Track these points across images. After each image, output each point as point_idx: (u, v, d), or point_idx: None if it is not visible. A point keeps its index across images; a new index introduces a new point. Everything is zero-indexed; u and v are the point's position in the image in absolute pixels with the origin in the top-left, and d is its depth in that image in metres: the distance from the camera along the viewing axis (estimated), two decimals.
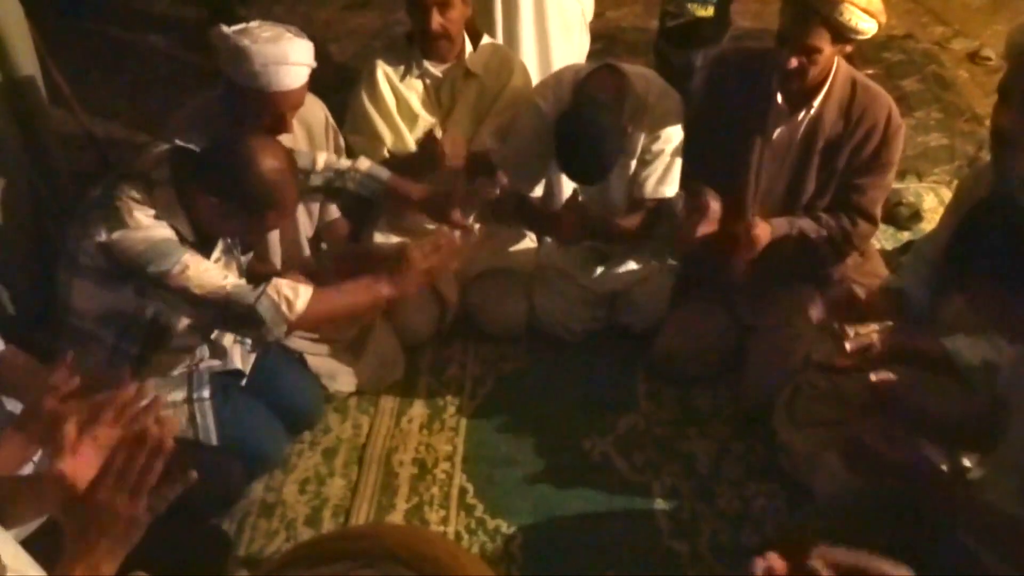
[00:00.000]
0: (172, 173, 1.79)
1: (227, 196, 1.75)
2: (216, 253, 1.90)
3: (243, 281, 1.82)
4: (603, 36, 3.46)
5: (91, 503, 1.04)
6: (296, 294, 1.77)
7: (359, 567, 0.74)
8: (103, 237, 1.70)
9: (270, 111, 2.02)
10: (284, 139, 2.19)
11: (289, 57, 1.97)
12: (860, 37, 1.96)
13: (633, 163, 2.33)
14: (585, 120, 2.13)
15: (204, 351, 2.02)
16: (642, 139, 2.29)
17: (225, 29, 1.99)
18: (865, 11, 1.91)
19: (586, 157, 2.13)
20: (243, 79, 1.97)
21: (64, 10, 4.00)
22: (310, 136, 2.33)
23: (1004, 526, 1.36)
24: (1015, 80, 1.66)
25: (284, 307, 1.74)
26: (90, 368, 1.61)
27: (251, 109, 2.02)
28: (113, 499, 1.03)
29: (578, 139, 2.12)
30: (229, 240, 1.95)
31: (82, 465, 1.11)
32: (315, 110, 2.30)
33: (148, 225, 1.72)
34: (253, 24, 2.03)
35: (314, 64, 2.06)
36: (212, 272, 1.76)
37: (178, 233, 1.77)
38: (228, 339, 2.06)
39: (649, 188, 2.31)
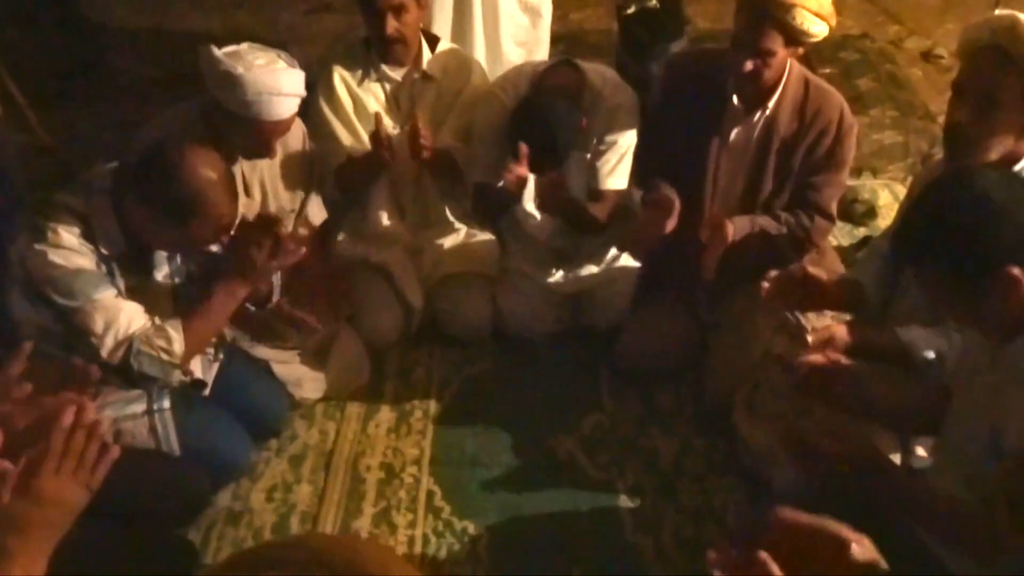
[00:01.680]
0: (112, 182, 1.75)
1: (154, 202, 1.69)
2: (158, 276, 1.87)
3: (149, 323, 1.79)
4: (566, 37, 3.49)
5: (31, 490, 1.01)
6: (168, 339, 1.75)
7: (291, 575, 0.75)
8: (22, 248, 1.67)
9: (258, 138, 2.01)
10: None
11: (283, 88, 1.95)
12: (811, 40, 2.00)
13: (589, 155, 2.36)
14: (542, 107, 2.17)
15: None
16: (597, 131, 2.32)
17: (216, 52, 1.95)
18: (816, 15, 1.94)
19: (541, 143, 2.15)
20: (234, 106, 1.94)
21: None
22: (287, 154, 2.29)
23: (950, 512, 1.38)
24: (968, 78, 1.68)
25: (164, 356, 1.75)
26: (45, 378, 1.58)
27: (239, 134, 2.00)
28: (54, 484, 1.02)
29: (533, 125, 2.15)
30: (171, 267, 1.90)
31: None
32: (294, 129, 2.25)
33: (69, 246, 1.68)
34: (243, 47, 1.99)
35: (304, 94, 2.03)
36: (120, 317, 1.72)
37: (109, 251, 1.73)
38: None
39: (602, 179, 2.34)
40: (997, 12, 1.67)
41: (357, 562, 0.79)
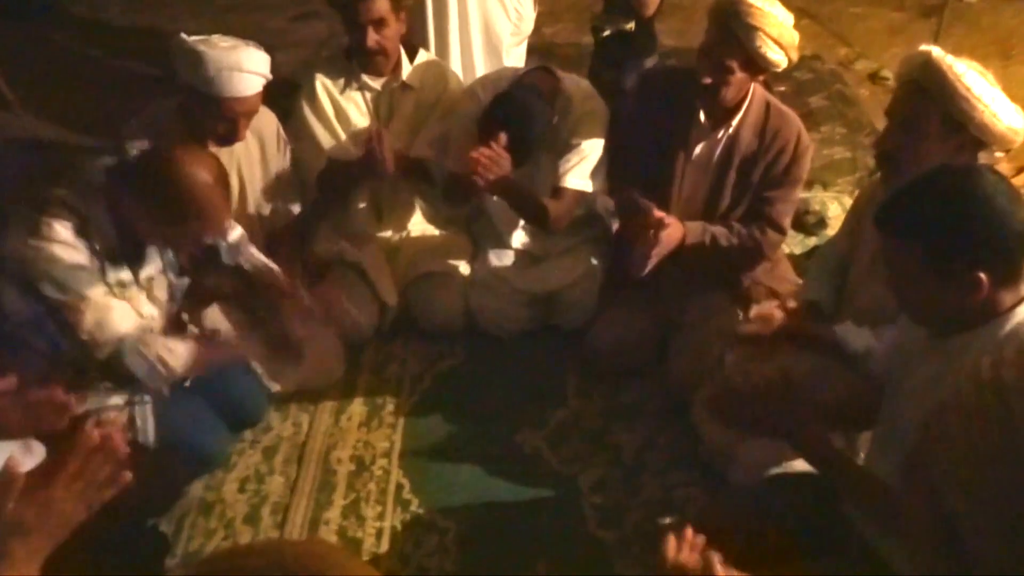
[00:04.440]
0: (107, 179, 1.68)
1: (151, 203, 1.63)
2: (149, 270, 1.79)
3: (150, 320, 1.74)
4: (538, 50, 3.41)
5: (40, 498, 0.98)
6: (171, 353, 1.70)
7: None
8: (18, 241, 1.59)
9: (224, 117, 1.96)
10: (238, 146, 2.11)
11: (243, 64, 1.92)
12: (769, 67, 1.97)
13: (555, 157, 2.30)
14: (516, 101, 2.12)
15: None
16: (565, 134, 2.28)
17: (185, 36, 1.93)
18: (776, 42, 1.91)
19: (514, 128, 2.10)
20: (199, 83, 1.91)
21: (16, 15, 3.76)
22: (262, 146, 2.24)
23: (881, 494, 1.35)
24: (892, 107, 1.69)
25: (160, 366, 1.69)
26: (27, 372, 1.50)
27: (206, 114, 1.95)
28: (61, 496, 0.99)
29: (507, 117, 2.09)
30: (164, 261, 1.83)
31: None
32: (267, 121, 2.22)
33: (64, 240, 1.61)
34: (213, 37, 1.97)
35: (269, 76, 1.99)
36: (111, 316, 1.66)
37: (102, 245, 1.66)
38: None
39: (561, 176, 2.28)
40: (922, 47, 1.66)
41: (322, 569, 0.71)
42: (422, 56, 2.43)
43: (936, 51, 1.60)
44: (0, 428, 1.25)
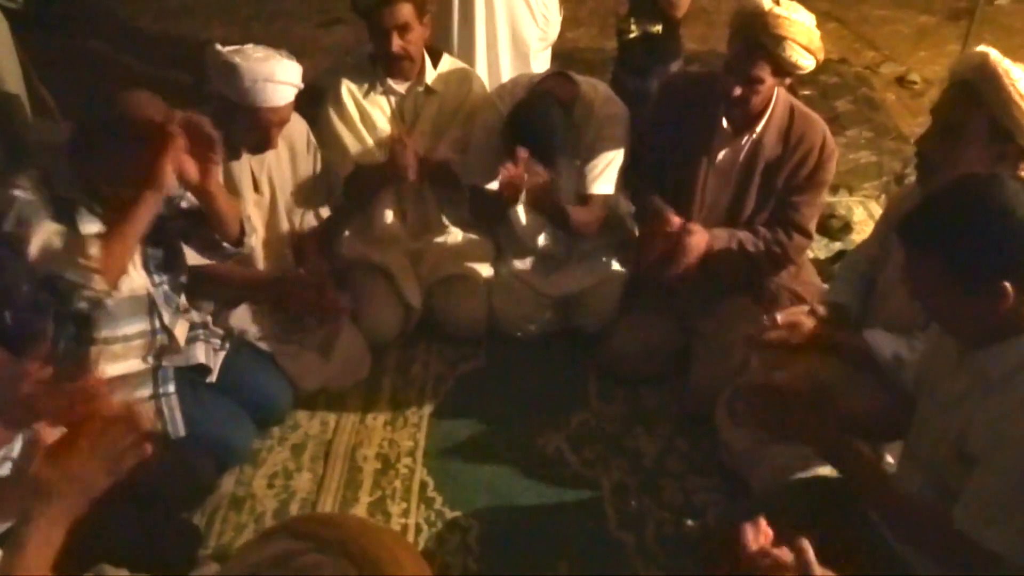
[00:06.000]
0: (69, 136, 1.77)
1: (96, 136, 1.71)
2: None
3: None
4: (560, 55, 3.47)
5: (62, 463, 1.03)
6: (84, 245, 1.69)
7: (313, 549, 0.72)
8: None
9: (257, 126, 2.04)
10: (269, 154, 2.18)
11: (276, 76, 1.99)
12: (799, 72, 1.98)
13: (579, 162, 2.34)
14: (537, 108, 2.17)
15: (157, 343, 1.93)
16: (587, 140, 2.32)
17: (219, 47, 2.01)
18: (806, 48, 1.93)
19: (534, 146, 2.14)
20: (233, 94, 1.99)
21: (48, 24, 3.88)
22: (292, 152, 2.31)
23: (911, 508, 1.37)
24: (938, 107, 1.67)
25: (81, 259, 1.67)
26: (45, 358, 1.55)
27: (239, 124, 2.02)
28: (82, 462, 1.03)
29: (528, 128, 2.14)
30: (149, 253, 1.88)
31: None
32: (298, 127, 2.29)
33: (21, 186, 1.69)
34: (247, 47, 2.04)
35: (300, 85, 2.06)
36: (54, 240, 1.68)
37: (68, 193, 1.72)
38: (181, 332, 1.98)
39: (589, 183, 2.32)
40: (979, 48, 1.62)
41: (371, 554, 0.73)
42: (447, 61, 2.49)
43: (994, 54, 1.56)
44: (28, 416, 1.27)
